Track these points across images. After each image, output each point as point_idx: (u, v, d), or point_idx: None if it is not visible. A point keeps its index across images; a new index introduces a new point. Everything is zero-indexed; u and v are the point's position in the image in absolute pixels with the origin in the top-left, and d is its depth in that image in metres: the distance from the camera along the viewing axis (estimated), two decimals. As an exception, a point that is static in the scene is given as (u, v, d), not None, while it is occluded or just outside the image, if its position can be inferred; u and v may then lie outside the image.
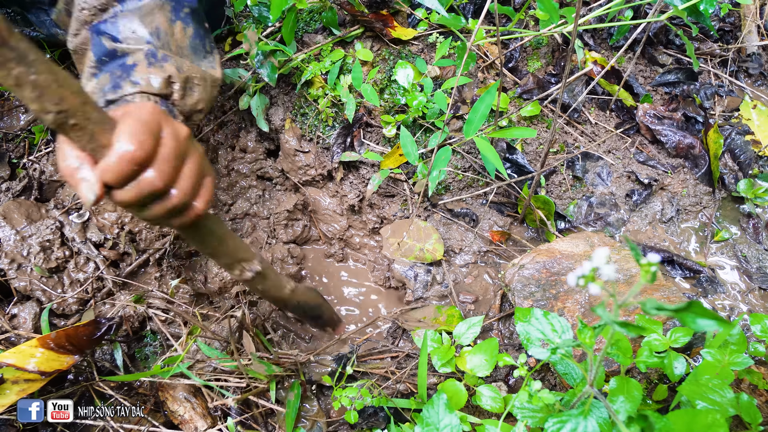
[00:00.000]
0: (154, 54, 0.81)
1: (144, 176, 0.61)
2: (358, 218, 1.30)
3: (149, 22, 0.82)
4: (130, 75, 0.78)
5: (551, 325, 0.71)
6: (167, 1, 0.85)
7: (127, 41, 0.81)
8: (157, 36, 0.82)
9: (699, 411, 0.64)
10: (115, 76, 0.78)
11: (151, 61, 0.80)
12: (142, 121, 0.61)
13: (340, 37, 1.21)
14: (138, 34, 0.81)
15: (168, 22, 0.85)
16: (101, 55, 0.81)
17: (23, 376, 0.89)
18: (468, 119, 0.97)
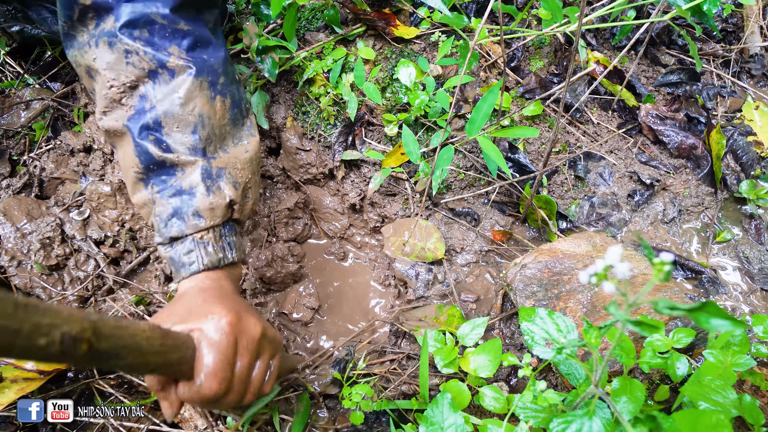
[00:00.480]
0: (209, 173, 0.79)
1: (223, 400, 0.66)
2: (359, 217, 1.30)
3: (191, 109, 0.79)
4: (190, 207, 0.78)
5: (556, 324, 0.71)
6: (205, 76, 0.81)
7: (176, 150, 0.79)
8: (202, 125, 0.80)
9: (703, 411, 0.64)
10: (173, 206, 0.78)
11: (209, 185, 0.79)
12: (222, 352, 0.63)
13: (342, 35, 1.21)
14: (185, 140, 0.79)
15: (209, 102, 0.82)
16: (149, 164, 0.79)
17: (22, 375, 0.89)
18: (471, 118, 0.97)
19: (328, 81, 1.19)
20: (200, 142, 0.80)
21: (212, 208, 0.79)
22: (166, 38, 0.79)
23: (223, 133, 0.84)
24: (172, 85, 0.79)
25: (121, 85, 0.79)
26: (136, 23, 0.77)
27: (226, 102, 0.84)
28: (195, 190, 0.78)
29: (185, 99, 0.79)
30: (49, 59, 1.38)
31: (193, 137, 0.79)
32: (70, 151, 1.27)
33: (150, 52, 0.77)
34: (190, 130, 0.79)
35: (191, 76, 0.79)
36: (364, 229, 1.30)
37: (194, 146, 0.79)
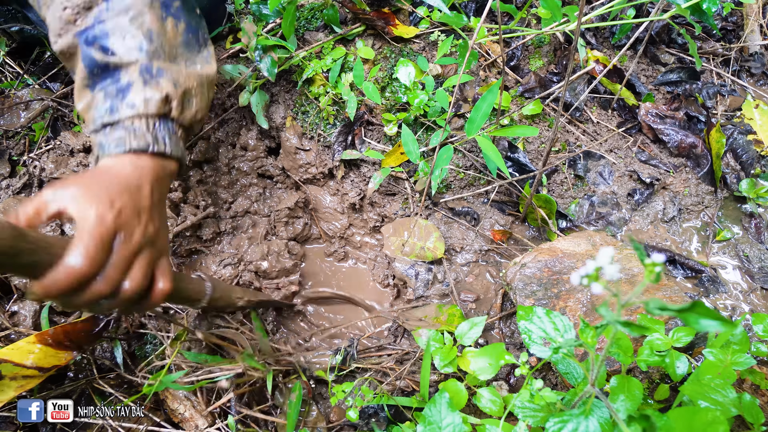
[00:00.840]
0: (149, 69, 0.79)
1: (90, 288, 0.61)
2: (358, 217, 1.30)
3: (139, 24, 0.79)
4: (125, 97, 0.77)
5: (553, 324, 0.71)
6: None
7: (118, 53, 0.78)
8: (149, 39, 0.79)
9: (699, 409, 0.64)
10: (111, 96, 0.78)
11: (146, 79, 0.78)
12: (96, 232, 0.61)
13: (341, 35, 1.21)
14: (129, 44, 0.78)
15: (159, 20, 0.81)
16: (93, 67, 0.79)
17: (21, 372, 0.89)
18: (470, 118, 0.97)
19: (327, 80, 1.19)
20: (147, 53, 0.79)
21: (146, 100, 0.78)
22: None
23: (173, 54, 0.83)
24: (124, 3, 0.79)
25: (75, 6, 0.79)
26: None
27: (180, 25, 0.84)
28: (132, 84, 0.78)
29: (134, 14, 0.79)
30: (49, 59, 1.38)
31: (138, 45, 0.79)
32: (70, 151, 1.27)
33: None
34: (136, 41, 0.79)
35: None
36: (364, 228, 1.30)
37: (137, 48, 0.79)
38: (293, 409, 0.93)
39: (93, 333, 0.99)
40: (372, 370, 1.02)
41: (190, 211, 1.21)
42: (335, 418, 1.02)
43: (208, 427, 0.91)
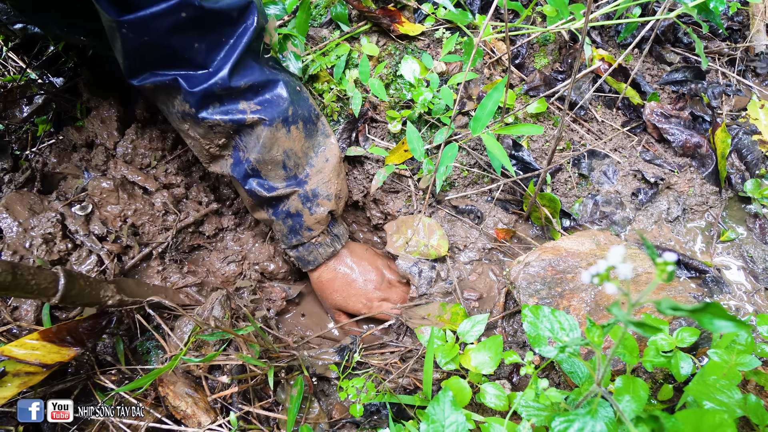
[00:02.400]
0: (307, 198, 1.04)
1: None
2: (361, 214, 1.29)
3: (276, 152, 0.99)
4: (302, 226, 1.06)
5: (559, 323, 0.71)
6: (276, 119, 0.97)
7: (276, 188, 1.02)
8: (287, 157, 1.01)
9: (707, 411, 0.63)
10: (288, 226, 1.07)
11: (309, 207, 1.05)
12: None
13: (348, 33, 1.20)
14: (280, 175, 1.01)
15: (286, 137, 0.99)
16: (259, 200, 1.04)
17: (24, 369, 0.89)
18: (475, 115, 0.96)
19: (331, 77, 1.19)
20: (291, 170, 1.02)
21: (317, 221, 1.06)
22: (234, 100, 0.94)
23: (304, 150, 1.03)
24: (254, 136, 0.97)
25: (216, 146, 0.98)
26: (206, 101, 0.92)
27: (299, 126, 1.02)
28: (301, 213, 1.05)
29: (268, 147, 0.98)
30: (52, 54, 1.37)
31: (284, 171, 1.01)
32: (73, 146, 1.27)
33: (228, 120, 0.94)
34: (280, 166, 1.00)
35: (266, 126, 0.96)
36: (367, 226, 1.29)
37: (287, 176, 1.02)
38: (294, 404, 0.93)
39: (96, 330, 0.99)
40: (375, 368, 1.02)
41: (193, 206, 1.20)
42: (337, 415, 1.02)
43: (211, 423, 0.90)
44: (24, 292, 0.77)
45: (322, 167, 1.05)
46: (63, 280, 0.82)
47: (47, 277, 0.80)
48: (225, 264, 1.17)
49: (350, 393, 0.92)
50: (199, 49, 0.88)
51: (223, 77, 0.90)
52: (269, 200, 1.03)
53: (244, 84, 0.93)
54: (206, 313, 1.01)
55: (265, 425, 0.97)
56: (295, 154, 1.01)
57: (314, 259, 1.11)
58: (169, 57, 0.88)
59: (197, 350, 1.01)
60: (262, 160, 0.98)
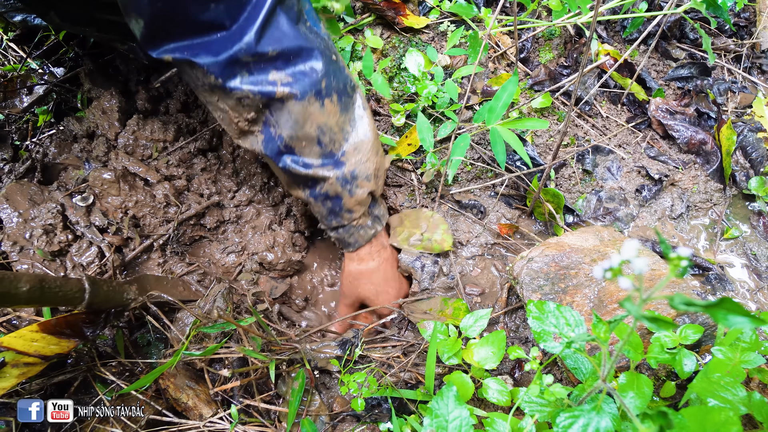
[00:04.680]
0: (346, 180, 0.98)
1: None
2: (364, 208, 1.29)
3: (309, 127, 0.91)
4: (342, 208, 1.01)
5: (564, 318, 0.70)
6: (309, 91, 0.89)
7: (312, 165, 0.95)
8: (323, 133, 0.93)
9: (712, 408, 0.63)
10: (327, 207, 1.02)
11: (349, 189, 0.99)
12: None
13: (352, 25, 1.19)
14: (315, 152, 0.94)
15: (320, 111, 0.91)
16: (294, 178, 0.98)
17: (23, 360, 0.88)
18: (490, 107, 0.95)
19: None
20: (326, 146, 0.95)
21: (358, 203, 1.02)
22: (263, 70, 0.85)
23: (340, 125, 0.95)
24: (286, 111, 0.89)
25: (245, 121, 0.91)
26: (233, 69, 0.83)
27: (333, 99, 0.93)
28: (341, 196, 0.99)
29: (301, 123, 0.90)
30: (53, 43, 1.36)
31: (319, 147, 0.94)
32: (73, 136, 1.26)
33: (257, 91, 0.86)
34: (314, 143, 0.93)
35: (297, 101, 0.88)
36: (369, 220, 1.29)
37: (323, 153, 0.95)
38: (295, 397, 0.93)
39: (96, 323, 0.98)
40: (377, 361, 1.02)
41: (194, 199, 1.20)
42: (338, 408, 1.01)
43: (212, 416, 0.90)
44: (51, 304, 0.78)
45: (359, 144, 0.98)
46: (88, 288, 0.83)
47: (73, 286, 0.81)
48: (225, 255, 1.17)
49: (351, 387, 0.92)
50: (216, 9, 0.79)
51: (249, 42, 0.81)
52: (305, 179, 0.97)
53: (272, 50, 0.84)
54: (208, 305, 1.01)
55: (266, 418, 0.97)
56: (330, 129, 0.94)
57: (355, 242, 1.08)
58: (185, 21, 0.80)
59: (198, 342, 1.00)
60: (295, 136, 0.91)
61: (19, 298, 0.74)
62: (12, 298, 0.73)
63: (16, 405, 0.90)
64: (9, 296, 0.72)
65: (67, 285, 0.80)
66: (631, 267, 0.36)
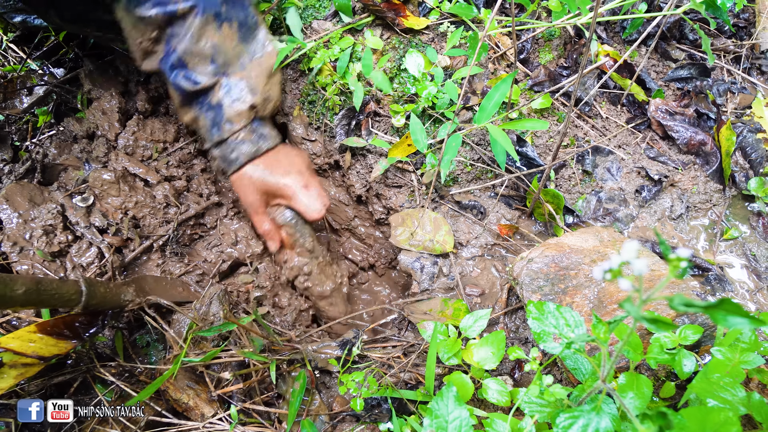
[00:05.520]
0: (229, 88, 1.00)
1: None
2: (364, 209, 1.29)
3: (204, 44, 0.96)
4: (223, 118, 1.01)
5: (564, 319, 0.70)
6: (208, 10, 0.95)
7: (202, 81, 0.98)
8: (217, 53, 0.98)
9: (712, 409, 0.63)
10: (210, 118, 1.02)
11: (232, 97, 1.00)
12: None
13: (350, 24, 1.19)
14: (207, 70, 0.98)
15: (216, 32, 0.97)
16: (185, 94, 1.00)
17: (21, 360, 0.88)
18: (481, 106, 0.96)
19: (334, 70, 1.18)
20: (219, 67, 0.98)
21: (238, 113, 1.01)
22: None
23: (237, 53, 1.00)
24: (185, 27, 0.95)
25: (147, 41, 0.96)
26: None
27: (233, 25, 0.99)
28: (222, 103, 1.00)
29: (197, 37, 0.95)
30: (53, 44, 1.36)
31: (212, 66, 0.98)
32: (73, 137, 1.26)
33: (161, 12, 0.93)
34: (208, 61, 0.97)
35: (197, 17, 0.94)
36: (369, 220, 1.29)
37: (215, 72, 0.98)
38: (296, 398, 0.93)
39: (93, 324, 0.98)
40: (377, 362, 1.02)
41: (194, 199, 1.20)
42: (337, 407, 1.01)
43: (212, 416, 0.90)
44: (48, 305, 0.79)
45: (251, 69, 1.02)
46: (85, 290, 0.84)
47: (69, 288, 0.82)
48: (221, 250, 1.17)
49: (351, 387, 0.92)
50: None
51: None
52: (195, 94, 1.00)
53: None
54: (204, 308, 1.01)
55: (265, 418, 0.97)
56: (225, 52, 0.99)
57: (236, 158, 1.03)
58: None
59: (196, 345, 1.00)
60: (190, 50, 0.96)
61: (16, 300, 0.74)
62: (8, 300, 0.73)
63: (16, 405, 0.90)
64: (5, 298, 0.73)
65: (64, 287, 0.81)
66: (631, 268, 0.36)
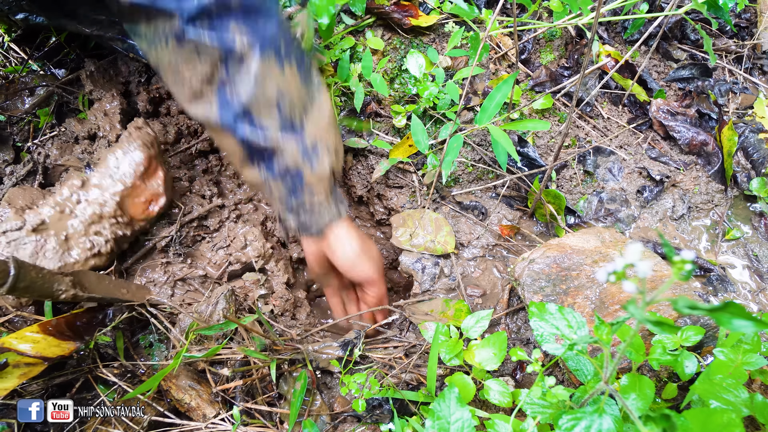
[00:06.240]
0: (306, 151, 0.91)
1: None
2: (365, 209, 1.29)
3: (268, 88, 0.85)
4: (303, 184, 0.92)
5: (566, 320, 0.70)
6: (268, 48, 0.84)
7: (271, 137, 0.88)
8: (282, 98, 0.87)
9: (714, 410, 0.63)
10: (287, 185, 0.92)
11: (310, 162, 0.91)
12: None
13: (353, 26, 1.19)
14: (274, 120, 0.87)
15: (280, 74, 0.86)
16: (251, 150, 0.89)
17: (24, 360, 0.89)
18: (482, 107, 0.96)
19: (335, 71, 1.18)
20: (285, 114, 0.88)
21: (319, 178, 0.93)
22: (224, 18, 0.82)
23: (302, 98, 0.90)
24: (245, 68, 0.84)
25: (199, 77, 0.84)
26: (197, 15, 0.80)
27: (293, 66, 0.88)
28: (301, 169, 0.91)
29: (260, 80, 0.84)
30: (54, 45, 1.36)
31: (278, 114, 0.87)
32: (75, 138, 1.26)
33: (216, 42, 0.81)
34: (274, 106, 0.87)
35: (258, 56, 0.83)
36: (370, 221, 1.29)
37: (283, 124, 0.88)
38: (297, 398, 0.93)
39: (93, 324, 0.98)
40: (378, 363, 1.02)
41: (197, 200, 1.20)
42: (339, 407, 1.01)
43: (215, 417, 0.90)
44: None
45: (318, 119, 0.93)
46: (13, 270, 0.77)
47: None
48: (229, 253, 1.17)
49: (352, 388, 0.92)
50: None
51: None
52: (263, 151, 0.89)
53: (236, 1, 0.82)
54: (211, 307, 1.01)
55: (267, 419, 0.97)
56: (291, 95, 0.89)
57: (316, 223, 0.97)
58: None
59: (199, 343, 1.00)
60: (254, 97, 0.85)
61: None
62: None
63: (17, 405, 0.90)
64: None
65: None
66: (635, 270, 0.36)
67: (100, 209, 1.04)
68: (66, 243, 1.02)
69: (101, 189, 1.06)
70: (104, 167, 1.08)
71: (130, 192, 1.07)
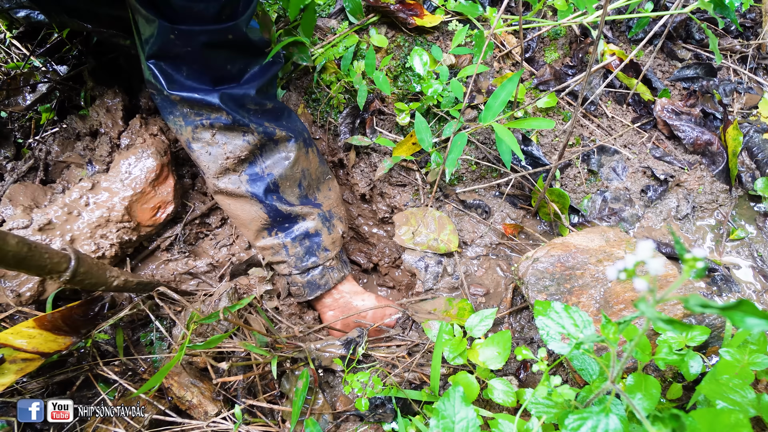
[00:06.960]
0: (325, 218, 1.08)
1: None
2: (368, 207, 1.28)
3: (297, 169, 1.02)
4: (320, 246, 1.07)
5: (572, 319, 0.70)
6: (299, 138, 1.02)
7: (294, 204, 1.03)
8: (304, 177, 1.04)
9: (721, 411, 0.62)
10: (306, 246, 1.06)
11: (328, 227, 1.08)
12: None
13: (358, 25, 1.18)
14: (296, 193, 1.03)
15: (305, 157, 1.03)
16: (276, 217, 1.02)
17: (20, 356, 0.88)
18: (487, 105, 0.95)
19: (339, 68, 1.17)
20: (304, 190, 1.04)
21: (334, 241, 1.09)
22: (262, 116, 0.98)
23: (317, 175, 1.08)
24: (279, 153, 1.00)
25: (236, 158, 0.97)
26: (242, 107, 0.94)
27: (315, 151, 1.07)
28: (320, 233, 1.06)
29: (294, 162, 1.01)
30: (56, 41, 1.36)
31: (299, 190, 1.04)
32: (76, 134, 1.25)
33: (261, 130, 0.96)
34: (296, 184, 1.03)
35: (293, 142, 1.00)
36: (373, 219, 1.28)
37: (302, 195, 1.04)
38: (299, 396, 0.92)
39: (88, 318, 0.98)
40: (381, 361, 1.01)
41: (199, 198, 1.19)
42: (341, 406, 1.01)
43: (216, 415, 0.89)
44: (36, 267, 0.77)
45: (329, 194, 1.10)
46: (74, 258, 0.83)
47: (59, 253, 0.81)
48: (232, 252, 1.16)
49: (355, 387, 0.91)
50: (231, 69, 0.94)
51: (252, 94, 0.95)
52: (286, 218, 1.03)
53: (270, 104, 0.99)
54: (214, 303, 1.01)
55: (269, 417, 0.96)
56: (310, 175, 1.05)
57: (325, 283, 1.10)
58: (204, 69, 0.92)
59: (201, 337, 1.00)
60: (285, 175, 1.00)
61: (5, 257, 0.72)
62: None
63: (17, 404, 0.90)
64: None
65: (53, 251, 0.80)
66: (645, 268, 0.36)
67: (108, 213, 1.04)
68: (71, 244, 1.01)
69: (111, 193, 1.06)
70: (115, 171, 1.08)
71: (139, 198, 1.08)
